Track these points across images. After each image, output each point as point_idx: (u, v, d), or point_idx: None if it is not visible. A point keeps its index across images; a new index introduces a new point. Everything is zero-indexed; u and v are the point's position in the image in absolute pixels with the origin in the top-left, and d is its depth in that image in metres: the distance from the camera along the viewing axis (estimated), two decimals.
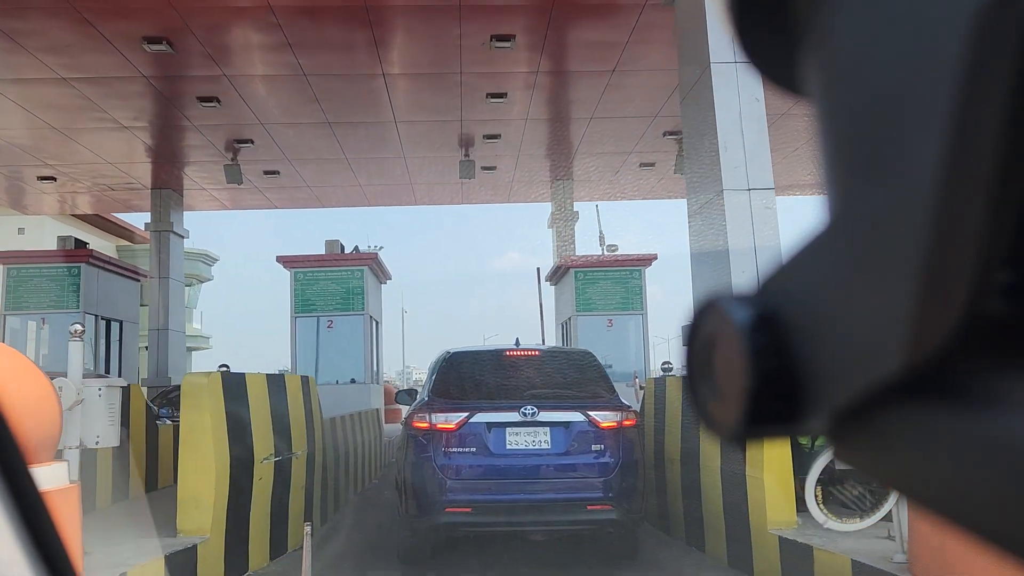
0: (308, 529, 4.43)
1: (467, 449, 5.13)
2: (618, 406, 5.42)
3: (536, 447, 5.15)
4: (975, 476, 0.26)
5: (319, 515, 6.05)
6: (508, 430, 5.15)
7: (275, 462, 4.83)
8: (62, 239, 12.79)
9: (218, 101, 10.70)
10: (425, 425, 5.22)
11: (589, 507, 5.10)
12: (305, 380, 5.80)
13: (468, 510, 5.05)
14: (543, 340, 14.93)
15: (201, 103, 10.76)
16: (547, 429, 5.17)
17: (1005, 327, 0.26)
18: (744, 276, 5.68)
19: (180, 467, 4.04)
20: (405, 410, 6.15)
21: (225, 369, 4.99)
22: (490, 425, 5.17)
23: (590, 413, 5.24)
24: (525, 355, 5.89)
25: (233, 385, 4.46)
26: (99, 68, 9.60)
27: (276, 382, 5.10)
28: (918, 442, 0.28)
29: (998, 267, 0.24)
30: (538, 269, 15.74)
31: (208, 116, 11.31)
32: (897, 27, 0.27)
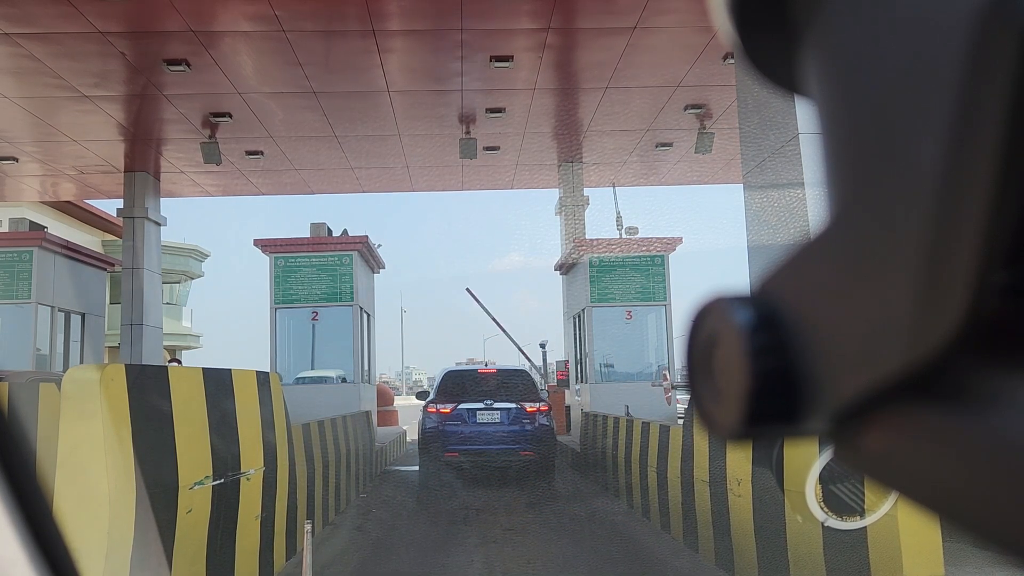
0: (309, 527, 4.18)
1: (457, 422, 9.36)
2: (539, 400, 9.75)
3: (493, 421, 9.38)
4: (975, 476, 0.26)
5: (283, 550, 4.80)
6: (478, 412, 9.42)
7: (214, 486, 3.59)
8: (15, 221, 11.51)
9: (187, 64, 9.46)
10: (434, 410, 9.58)
11: (522, 453, 9.25)
12: (264, 378, 4.55)
13: (457, 455, 9.24)
14: (547, 340, 15.10)
15: (168, 66, 9.52)
16: (499, 411, 9.42)
17: (1005, 327, 0.26)
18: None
19: (56, 504, 2.77)
20: (421, 402, 10.37)
21: (175, 363, 3.83)
22: (469, 409, 9.44)
23: (522, 404, 9.50)
24: (490, 372, 10.37)
25: (146, 383, 3.19)
26: (48, 21, 8.37)
27: (219, 379, 3.84)
28: (918, 442, 0.28)
29: (998, 267, 0.24)
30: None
31: (178, 83, 10.07)
32: (898, 27, 0.27)
